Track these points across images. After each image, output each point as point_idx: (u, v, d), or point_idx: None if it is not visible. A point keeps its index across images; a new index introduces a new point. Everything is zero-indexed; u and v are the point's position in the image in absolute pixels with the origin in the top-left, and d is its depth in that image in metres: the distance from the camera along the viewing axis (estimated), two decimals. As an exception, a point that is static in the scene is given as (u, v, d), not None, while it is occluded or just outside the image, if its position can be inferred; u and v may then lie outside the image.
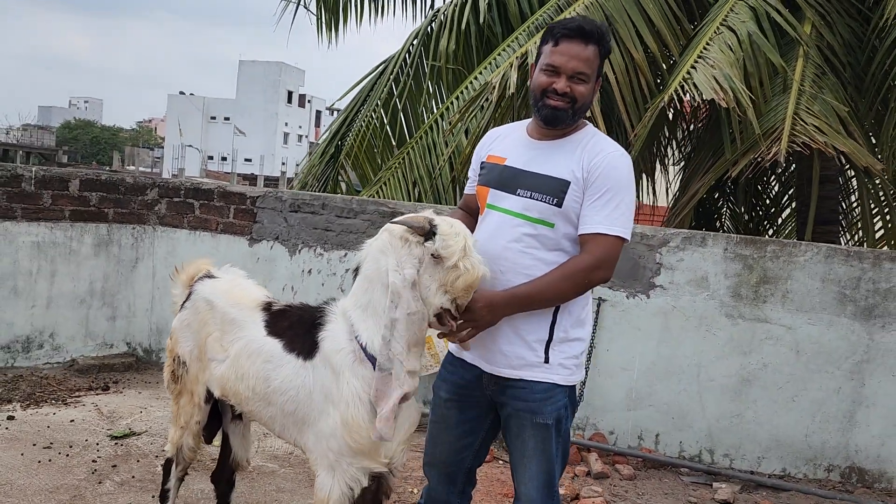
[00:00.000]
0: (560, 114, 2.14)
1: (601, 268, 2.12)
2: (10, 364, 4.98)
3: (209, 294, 2.62)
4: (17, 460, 3.63)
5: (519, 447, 2.24)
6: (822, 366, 4.16)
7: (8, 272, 4.91)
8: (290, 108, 67.41)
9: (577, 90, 2.13)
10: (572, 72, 2.12)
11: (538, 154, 2.21)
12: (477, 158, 2.38)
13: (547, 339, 2.18)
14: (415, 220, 2.08)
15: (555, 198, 2.13)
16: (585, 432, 4.48)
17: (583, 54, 2.12)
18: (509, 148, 2.28)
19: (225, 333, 2.51)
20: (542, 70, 2.17)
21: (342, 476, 2.20)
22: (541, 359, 2.19)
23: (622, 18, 5.24)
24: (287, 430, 2.38)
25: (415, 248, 2.08)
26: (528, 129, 2.30)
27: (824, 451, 4.20)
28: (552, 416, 2.20)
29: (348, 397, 2.16)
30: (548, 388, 2.19)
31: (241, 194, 5.24)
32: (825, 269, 4.13)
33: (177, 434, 2.75)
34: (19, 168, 4.96)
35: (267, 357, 2.36)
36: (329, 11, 7.45)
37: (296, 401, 2.29)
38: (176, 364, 2.73)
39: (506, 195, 2.20)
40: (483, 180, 2.29)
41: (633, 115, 5.18)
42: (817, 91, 4.73)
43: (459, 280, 2.03)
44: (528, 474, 2.23)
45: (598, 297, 4.41)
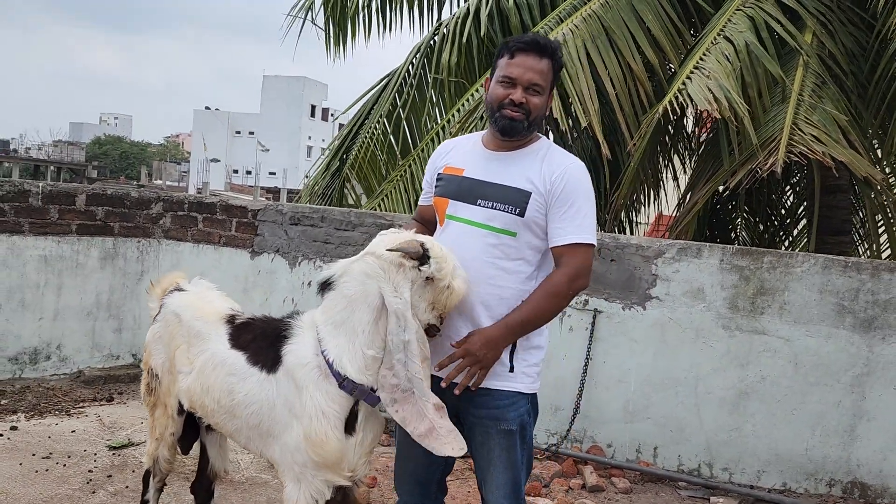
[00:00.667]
0: (516, 124, 2.19)
1: (581, 276, 2.21)
2: (17, 375, 5.07)
3: (176, 307, 2.67)
4: (15, 470, 3.70)
5: (484, 455, 2.26)
6: (821, 378, 4.10)
7: (16, 285, 5.02)
8: (313, 122, 68.11)
9: (532, 102, 2.19)
10: (528, 83, 2.18)
11: (497, 165, 2.25)
12: (432, 170, 2.41)
13: (511, 347, 2.22)
14: (410, 245, 2.12)
15: (517, 208, 2.18)
16: (583, 445, 4.45)
17: (537, 66, 2.18)
18: (466, 159, 2.31)
19: (191, 346, 2.54)
20: (499, 82, 2.22)
21: (308, 488, 2.23)
22: (506, 367, 2.23)
23: (620, 30, 5.24)
24: (252, 442, 2.40)
25: (409, 272, 2.12)
26: (483, 140, 2.33)
27: (825, 465, 4.13)
28: (516, 423, 2.24)
29: (311, 411, 2.17)
30: (511, 395, 2.23)
31: (242, 208, 5.31)
32: (823, 281, 4.07)
33: (153, 446, 2.79)
34: (26, 183, 5.07)
35: (230, 370, 2.39)
36: (337, 26, 7.54)
37: (259, 414, 2.31)
38: (150, 376, 2.77)
39: (466, 206, 2.23)
40: (441, 191, 2.32)
41: (632, 126, 5.17)
42: (817, 101, 4.68)
43: (451, 298, 2.12)
44: (494, 482, 2.25)
45: (593, 308, 4.39)
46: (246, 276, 5.26)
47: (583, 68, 5.17)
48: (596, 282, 4.39)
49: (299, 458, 2.21)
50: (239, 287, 5.17)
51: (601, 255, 4.37)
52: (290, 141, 65.85)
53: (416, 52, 6.87)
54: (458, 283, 2.11)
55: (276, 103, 66.29)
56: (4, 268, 4.96)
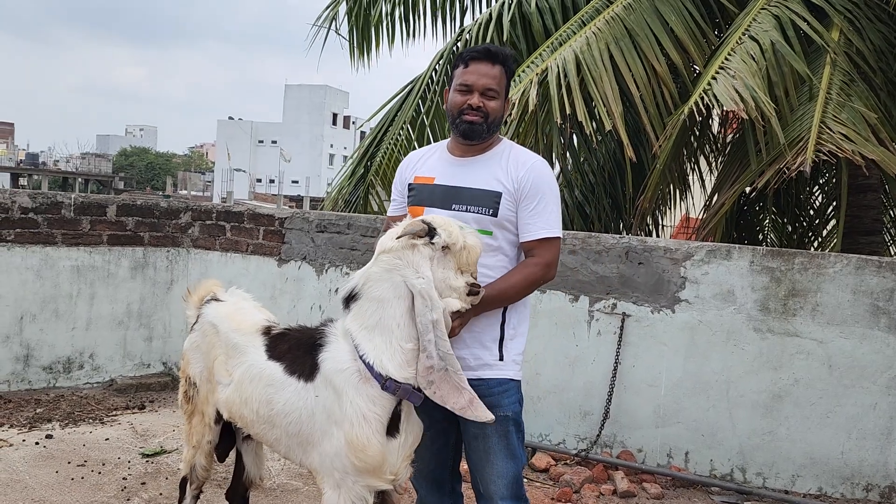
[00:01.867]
0: (476, 127, 2.34)
1: (551, 268, 2.38)
2: (52, 384, 5.16)
3: (213, 318, 2.69)
4: (51, 477, 3.76)
5: (481, 445, 2.34)
6: (856, 381, 4.03)
7: (49, 295, 5.11)
8: (335, 130, 68.53)
9: (488, 105, 2.34)
10: (483, 88, 2.33)
11: (464, 170, 2.39)
12: (402, 181, 2.54)
13: (500, 337, 2.36)
14: (413, 226, 2.21)
15: (490, 209, 2.33)
16: (613, 450, 4.41)
17: (491, 72, 2.34)
18: (435, 167, 2.46)
19: (229, 357, 2.56)
20: (456, 90, 2.38)
21: (348, 493, 2.23)
22: (496, 357, 2.36)
23: (644, 32, 5.22)
24: (292, 452, 2.41)
25: (424, 249, 2.19)
26: (448, 148, 2.47)
27: (862, 469, 4.05)
28: (510, 409, 2.36)
29: (352, 416, 2.18)
30: (502, 382, 2.36)
31: (269, 216, 5.36)
32: (856, 281, 4.01)
33: (189, 453, 2.82)
34: (59, 195, 5.17)
35: (269, 381, 2.40)
36: (360, 34, 7.59)
37: (299, 423, 2.32)
38: (188, 385, 2.80)
39: (441, 212, 2.35)
40: (415, 200, 2.44)
41: (657, 128, 5.13)
42: (845, 98, 4.61)
43: (472, 255, 2.21)
44: (495, 471, 2.33)
45: (622, 312, 4.36)
46: (273, 284, 5.30)
47: (606, 71, 5.16)
48: (624, 285, 4.36)
49: (339, 464, 2.22)
50: (267, 294, 5.21)
51: (629, 259, 4.35)
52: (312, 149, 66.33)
53: (440, 59, 6.89)
54: (471, 240, 2.21)
55: (298, 112, 66.84)
56: (38, 278, 5.05)
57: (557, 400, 4.51)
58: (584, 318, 4.44)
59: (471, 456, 2.38)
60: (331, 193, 7.72)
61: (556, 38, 5.67)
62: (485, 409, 2.16)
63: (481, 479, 2.36)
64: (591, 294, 4.43)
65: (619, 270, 4.37)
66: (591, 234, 4.50)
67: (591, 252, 4.42)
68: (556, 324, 4.50)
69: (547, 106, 5.36)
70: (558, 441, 4.51)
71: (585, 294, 4.44)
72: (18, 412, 4.67)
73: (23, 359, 5.05)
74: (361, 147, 7.42)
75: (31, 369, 5.08)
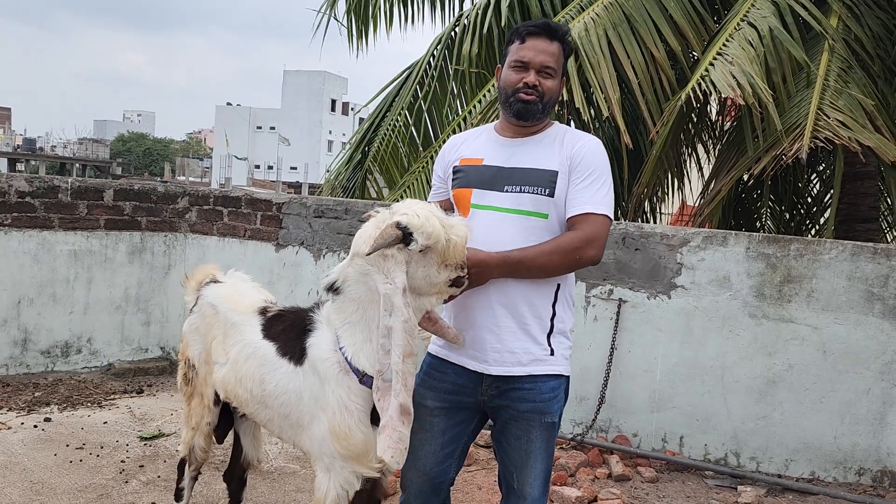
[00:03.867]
0: (531, 107, 2.19)
1: (592, 245, 2.13)
2: (50, 368, 5.18)
3: (213, 299, 2.71)
4: (50, 460, 3.78)
5: (523, 447, 2.22)
6: (850, 366, 4.05)
7: (47, 280, 5.11)
8: (333, 116, 68.28)
9: (545, 84, 2.19)
10: (540, 66, 2.19)
11: (517, 150, 2.24)
12: (446, 165, 2.38)
13: (549, 330, 2.21)
14: (385, 237, 2.02)
15: (546, 188, 2.17)
16: (608, 434, 4.44)
17: (549, 49, 2.20)
18: (483, 148, 2.29)
19: (227, 337, 2.58)
20: (511, 67, 2.22)
21: (337, 478, 2.24)
22: (546, 351, 2.21)
23: (642, 18, 5.20)
24: (284, 432, 2.43)
25: (399, 256, 2.05)
26: (497, 129, 2.32)
27: (854, 454, 4.09)
28: (558, 415, 2.24)
29: (334, 405, 2.18)
30: (554, 385, 2.23)
31: (267, 201, 5.36)
32: (851, 267, 4.02)
33: (188, 435, 2.84)
34: (55, 179, 5.16)
35: (262, 360, 2.42)
36: (359, 19, 7.56)
37: (289, 405, 2.33)
38: (187, 367, 2.83)
39: (492, 193, 2.20)
40: (462, 183, 2.28)
41: (654, 115, 5.13)
42: (843, 85, 4.61)
43: (457, 249, 2.05)
44: (533, 473, 2.23)
45: (618, 298, 4.38)
46: (271, 269, 5.31)
47: (604, 57, 5.14)
48: (620, 271, 4.38)
49: (327, 448, 2.23)
50: (264, 280, 5.21)
51: (625, 245, 4.36)
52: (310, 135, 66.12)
53: (437, 44, 6.87)
54: (455, 233, 2.04)
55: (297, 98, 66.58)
56: (36, 263, 5.06)
57: (553, 385, 4.53)
58: (581, 303, 4.46)
59: (509, 452, 2.25)
60: (328, 179, 7.71)
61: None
62: (387, 445, 1.99)
63: (518, 477, 2.24)
64: (588, 280, 4.44)
65: (615, 256, 4.39)
66: (587, 220, 4.50)
67: (587, 238, 4.42)
68: (552, 309, 4.50)
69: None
70: (554, 425, 4.54)
71: (582, 280, 4.45)
72: (17, 396, 4.69)
73: (21, 343, 5.06)
74: (359, 133, 7.40)
75: (30, 353, 5.10)
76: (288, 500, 3.57)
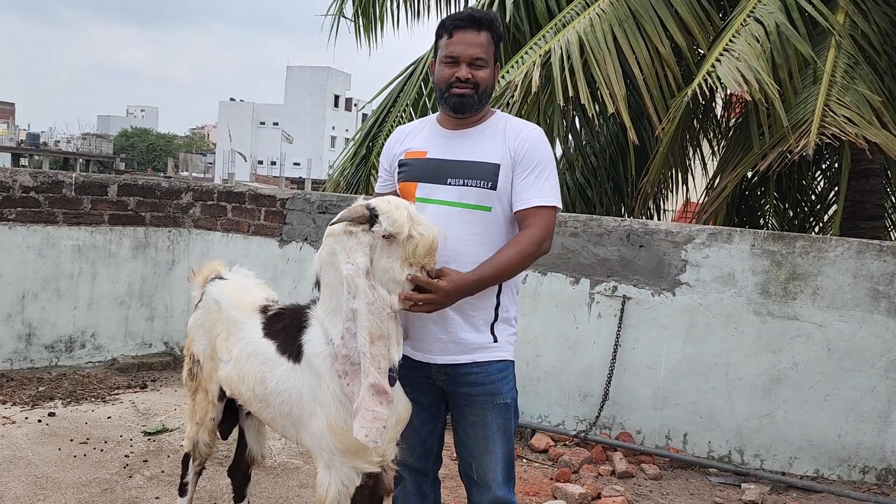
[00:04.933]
0: (467, 100, 2.22)
1: (547, 239, 2.21)
2: (54, 363, 5.18)
3: (217, 295, 2.71)
4: (54, 455, 3.79)
5: (480, 433, 2.27)
6: (855, 364, 4.04)
7: (51, 275, 5.12)
8: (336, 112, 68.30)
9: (477, 76, 2.21)
10: (470, 58, 2.20)
11: (459, 143, 2.27)
12: (391, 157, 2.40)
13: (493, 319, 2.27)
14: (352, 211, 2.07)
15: (488, 181, 2.20)
16: (612, 431, 4.44)
17: (477, 40, 2.21)
18: (426, 141, 2.32)
19: (230, 335, 2.58)
20: (442, 63, 2.24)
21: (338, 474, 2.23)
22: (490, 339, 2.27)
23: (648, 13, 5.18)
24: (287, 431, 2.43)
25: (362, 237, 2.06)
26: (439, 121, 2.35)
27: (859, 452, 4.08)
28: (510, 395, 2.30)
29: (329, 400, 2.18)
30: (501, 367, 2.28)
31: (271, 197, 5.35)
32: (857, 265, 4.01)
33: (193, 430, 2.85)
34: (60, 174, 5.16)
35: (263, 359, 2.42)
36: (366, 16, 7.54)
37: (289, 402, 2.34)
38: (192, 362, 2.83)
39: (436, 186, 2.24)
40: (407, 176, 2.31)
41: (660, 111, 5.11)
42: (849, 82, 4.59)
43: (419, 247, 2.03)
44: (493, 458, 2.27)
45: (622, 295, 4.37)
46: (275, 265, 5.31)
47: (610, 53, 5.12)
48: (624, 268, 4.37)
49: (325, 444, 2.23)
50: (268, 275, 5.21)
51: (630, 242, 4.35)
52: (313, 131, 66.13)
53: (441, 40, 6.84)
54: (420, 230, 2.03)
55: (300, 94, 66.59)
56: (40, 258, 5.06)
57: (557, 381, 4.53)
58: (585, 300, 4.45)
59: (466, 442, 2.31)
60: (332, 175, 7.70)
61: (560, 19, 5.63)
62: (361, 425, 2.03)
63: (477, 466, 2.29)
64: (592, 276, 4.44)
65: (620, 253, 4.37)
66: (592, 217, 4.50)
67: (592, 235, 4.42)
68: (556, 306, 4.50)
69: (549, 88, 5.33)
70: (558, 422, 4.54)
71: (586, 276, 4.44)
72: (21, 390, 4.70)
73: (25, 337, 5.07)
74: (364, 128, 7.39)
75: (34, 348, 5.10)
76: (291, 496, 3.57)
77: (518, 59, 5.60)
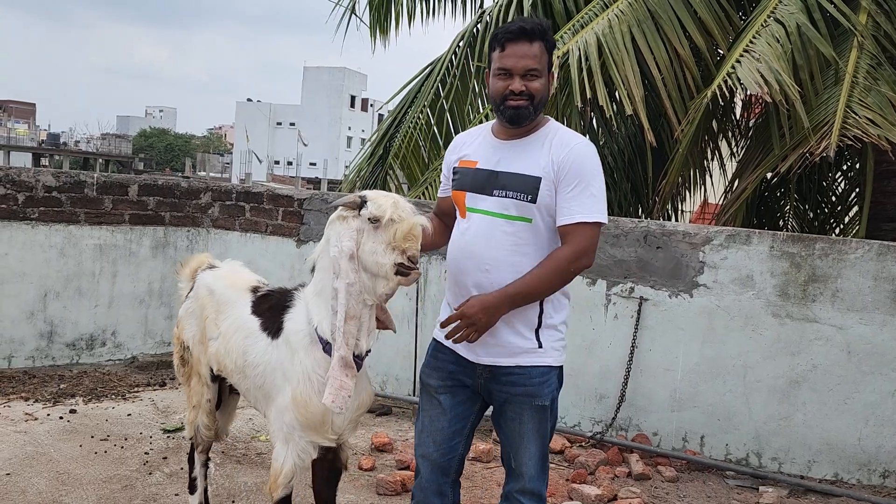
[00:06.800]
0: (522, 111, 2.25)
1: (585, 256, 2.24)
2: (75, 361, 5.25)
3: (209, 281, 2.87)
4: (75, 451, 3.84)
5: (516, 429, 2.35)
6: (875, 367, 4.00)
7: (73, 273, 5.19)
8: (353, 112, 68.49)
9: (531, 87, 2.23)
10: (523, 70, 2.23)
11: (507, 154, 2.31)
12: (449, 164, 2.48)
13: (537, 325, 2.31)
14: (347, 198, 2.29)
15: (529, 195, 2.25)
16: (628, 433, 4.43)
17: (530, 52, 2.23)
18: (479, 151, 2.38)
19: (219, 314, 2.74)
20: (496, 76, 2.28)
21: (294, 448, 2.40)
22: (535, 344, 2.31)
23: (667, 14, 5.16)
24: (259, 403, 2.61)
25: (352, 222, 2.25)
26: (493, 130, 2.39)
27: (879, 456, 4.04)
28: (548, 398, 2.34)
29: (299, 375, 2.36)
30: (544, 371, 2.32)
31: (288, 197, 5.39)
32: (878, 267, 3.97)
33: (192, 414, 2.97)
34: (82, 174, 5.23)
35: (247, 333, 2.60)
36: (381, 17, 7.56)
37: (263, 375, 2.51)
38: (182, 349, 2.98)
39: (483, 197, 2.30)
40: (458, 185, 2.39)
41: (679, 112, 5.09)
42: (872, 82, 4.54)
43: (398, 231, 2.19)
44: (527, 453, 2.35)
45: (639, 296, 4.36)
46: (292, 265, 5.34)
47: (628, 54, 5.11)
48: (642, 269, 4.35)
49: (287, 418, 2.38)
50: (286, 275, 5.25)
51: (647, 243, 4.33)
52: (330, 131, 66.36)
53: (460, 41, 6.86)
54: (400, 214, 2.20)
55: (317, 94, 66.84)
56: (62, 257, 5.13)
57: (573, 383, 4.51)
58: (602, 301, 4.44)
59: (506, 434, 2.38)
60: (349, 175, 7.74)
61: (578, 20, 5.62)
62: (328, 392, 2.23)
63: (514, 456, 2.37)
64: (609, 278, 4.43)
65: (637, 254, 4.36)
66: (609, 218, 4.48)
67: (609, 236, 4.41)
68: (572, 307, 4.43)
69: (567, 89, 5.32)
70: (574, 423, 4.53)
71: (603, 278, 4.43)
72: (43, 387, 4.77)
73: (47, 335, 5.14)
74: (380, 129, 7.42)
75: (55, 346, 5.17)
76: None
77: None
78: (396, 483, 3.60)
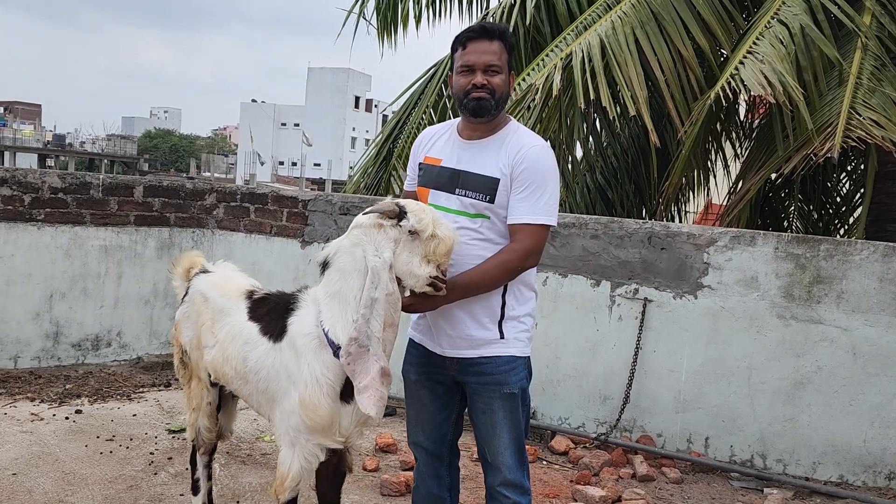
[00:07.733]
0: (484, 103, 2.33)
1: (533, 255, 2.34)
2: (80, 361, 5.27)
3: (203, 287, 2.86)
4: (81, 451, 3.86)
5: (488, 419, 2.42)
6: (880, 369, 4.00)
7: (78, 274, 5.21)
8: (357, 113, 68.54)
9: (493, 81, 2.33)
10: (485, 65, 2.32)
11: (469, 153, 2.41)
12: (414, 158, 2.56)
13: (499, 317, 2.40)
14: (384, 206, 2.26)
15: (487, 195, 2.35)
16: (632, 434, 4.43)
17: (490, 49, 2.34)
18: (443, 149, 2.47)
19: (215, 322, 2.74)
20: (459, 73, 2.38)
21: (301, 451, 2.40)
22: (496, 335, 2.40)
23: (670, 16, 5.16)
24: (262, 407, 2.60)
25: (390, 231, 2.24)
26: (458, 129, 2.47)
27: (884, 457, 4.03)
28: (517, 386, 2.41)
29: (307, 378, 2.34)
30: (509, 360, 2.40)
31: (293, 198, 5.40)
32: (883, 269, 3.97)
33: (192, 416, 2.98)
34: (87, 175, 5.25)
35: (245, 339, 2.58)
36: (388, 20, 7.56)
37: (266, 379, 2.50)
38: (181, 352, 3.00)
39: (445, 195, 2.40)
40: (422, 181, 2.48)
41: (682, 113, 5.09)
42: (876, 84, 4.54)
43: (440, 246, 2.21)
44: (501, 443, 2.41)
45: (643, 297, 4.36)
46: (297, 266, 5.36)
47: (631, 55, 5.11)
48: (646, 270, 4.35)
49: (294, 421, 2.38)
50: (290, 276, 5.27)
51: (651, 244, 4.33)
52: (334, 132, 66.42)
53: (463, 42, 6.85)
54: (442, 231, 2.21)
55: (321, 95, 66.91)
56: (67, 257, 5.15)
57: (577, 384, 4.53)
58: (606, 302, 4.45)
59: (479, 428, 2.46)
60: (353, 176, 7.75)
61: (581, 21, 5.62)
62: (372, 403, 2.22)
63: (489, 450, 2.44)
64: (613, 279, 4.43)
65: (641, 255, 4.36)
66: (613, 219, 4.49)
67: (613, 237, 4.41)
68: (577, 308, 4.50)
69: (571, 91, 5.33)
70: (578, 425, 4.53)
71: (607, 279, 4.44)
72: (49, 388, 4.79)
73: (52, 336, 5.16)
74: (385, 130, 7.42)
75: (61, 346, 5.19)
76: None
77: (539, 61, 5.61)
78: (400, 484, 3.60)
